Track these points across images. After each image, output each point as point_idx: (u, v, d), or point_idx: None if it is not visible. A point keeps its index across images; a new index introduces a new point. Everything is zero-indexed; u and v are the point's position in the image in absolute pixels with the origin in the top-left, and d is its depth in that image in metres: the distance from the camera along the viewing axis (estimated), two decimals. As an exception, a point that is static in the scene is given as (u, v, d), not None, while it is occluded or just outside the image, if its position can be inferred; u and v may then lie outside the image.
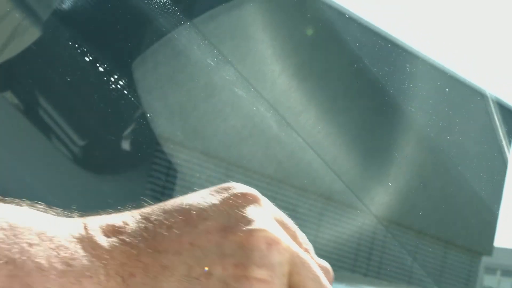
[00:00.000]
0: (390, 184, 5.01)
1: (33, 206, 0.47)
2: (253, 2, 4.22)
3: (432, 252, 7.73)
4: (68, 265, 0.44)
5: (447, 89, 4.93)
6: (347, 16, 5.03)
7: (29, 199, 0.49)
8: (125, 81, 2.65)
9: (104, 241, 0.46)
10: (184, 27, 3.75)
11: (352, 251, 6.87)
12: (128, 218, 0.47)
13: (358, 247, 6.93)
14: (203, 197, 0.48)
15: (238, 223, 0.46)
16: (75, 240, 0.45)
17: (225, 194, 0.48)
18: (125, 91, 2.68)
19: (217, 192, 0.49)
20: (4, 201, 0.47)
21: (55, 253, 0.44)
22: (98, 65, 2.55)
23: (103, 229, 0.46)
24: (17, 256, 0.43)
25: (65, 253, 0.44)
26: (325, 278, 0.49)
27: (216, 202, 0.48)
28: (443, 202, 7.05)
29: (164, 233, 0.46)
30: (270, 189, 6.45)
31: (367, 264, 7.18)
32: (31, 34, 2.00)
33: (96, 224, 0.47)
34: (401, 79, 4.40)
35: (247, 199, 0.48)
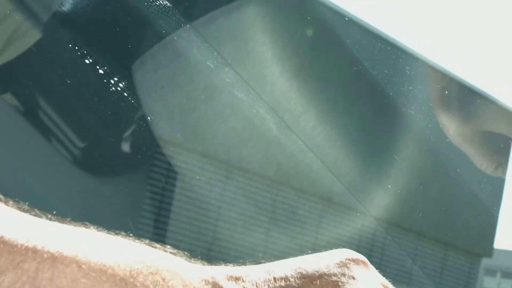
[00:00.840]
0: (389, 186, 5.01)
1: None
2: (253, 4, 4.22)
3: (432, 254, 7.72)
4: None
5: (446, 91, 4.93)
6: (347, 18, 5.03)
7: (29, 201, 0.50)
8: (125, 83, 2.66)
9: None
10: (184, 29, 3.75)
11: (352, 253, 6.87)
12: (253, 272, 0.51)
13: (357, 249, 6.92)
14: (319, 258, 0.54)
15: (348, 280, 0.51)
16: (204, 282, 0.48)
17: (339, 257, 0.54)
18: (125, 93, 2.69)
19: (331, 254, 0.54)
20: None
21: None
22: (98, 67, 2.55)
23: (230, 279, 0.50)
24: None
25: None
26: None
27: (331, 264, 0.52)
28: (443, 204, 7.05)
29: None
30: (270, 191, 6.45)
31: (367, 266, 7.18)
32: (31, 36, 2.00)
33: (222, 275, 0.50)
34: (400, 81, 4.40)
35: (358, 262, 0.53)
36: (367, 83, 4.94)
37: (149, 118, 3.55)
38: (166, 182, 5.42)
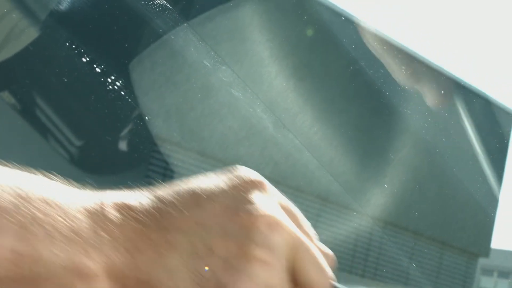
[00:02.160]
0: (386, 186, 5.02)
1: (47, 176, 0.49)
2: (250, 3, 4.23)
3: (428, 254, 7.73)
4: (77, 234, 0.45)
5: (442, 91, 4.94)
6: (343, 18, 5.04)
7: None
8: (122, 82, 2.66)
9: (115, 217, 0.47)
10: (181, 29, 3.75)
11: (349, 252, 6.88)
12: (142, 198, 0.49)
13: (355, 248, 6.94)
14: (213, 181, 0.50)
15: (243, 206, 0.48)
16: (87, 212, 0.47)
17: (234, 179, 0.50)
18: (122, 92, 2.69)
19: (226, 176, 0.51)
20: (19, 169, 0.49)
21: (66, 223, 0.45)
22: (95, 66, 2.55)
23: (116, 205, 0.48)
24: (28, 221, 0.44)
25: (75, 223, 0.46)
26: (326, 264, 0.50)
27: (224, 186, 0.50)
28: (439, 204, 7.06)
29: (174, 213, 0.48)
30: (267, 190, 6.45)
31: (364, 265, 7.19)
32: (29, 35, 2.00)
33: (109, 200, 0.48)
34: (397, 81, 4.41)
35: (254, 185, 0.50)
36: (363, 83, 4.94)
37: (146, 116, 3.55)
38: (163, 181, 5.40)
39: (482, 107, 6.52)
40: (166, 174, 5.32)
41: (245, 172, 0.51)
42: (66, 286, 0.45)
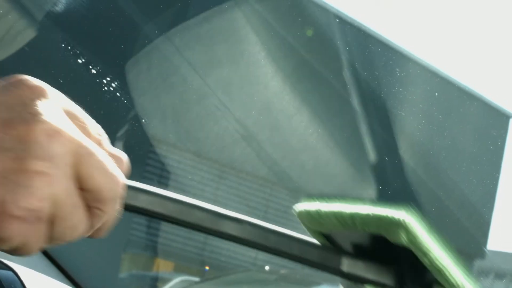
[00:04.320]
0: (380, 187, 5.03)
1: None
2: (247, 5, 4.23)
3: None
4: None
5: (436, 93, 4.96)
6: (338, 20, 5.05)
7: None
8: (117, 83, 2.66)
9: None
10: (177, 29, 3.76)
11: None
12: None
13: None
14: None
15: (20, 117, 0.45)
16: None
17: (11, 88, 0.47)
18: (118, 93, 2.69)
19: (5, 86, 0.48)
20: None
21: None
22: (90, 67, 2.56)
23: None
24: None
25: None
26: (114, 167, 0.49)
27: (1, 96, 0.47)
28: (435, 205, 7.07)
29: None
30: (263, 191, 6.46)
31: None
32: (24, 36, 2.00)
33: None
34: (391, 82, 4.41)
35: (32, 92, 0.47)
36: (359, 85, 4.95)
37: (142, 118, 3.55)
38: (159, 182, 5.42)
39: (477, 109, 6.53)
40: (162, 175, 5.32)
41: (23, 79, 0.48)
42: None
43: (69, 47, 2.57)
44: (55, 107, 0.47)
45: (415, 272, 0.62)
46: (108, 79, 2.54)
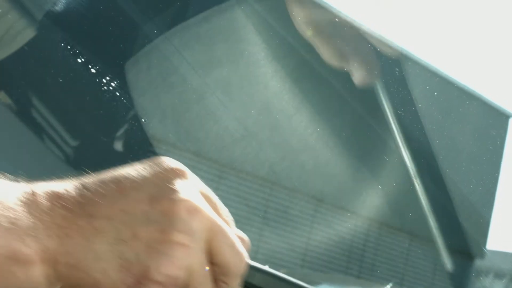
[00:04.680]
0: (379, 187, 5.03)
1: None
2: (246, 4, 4.23)
3: (423, 254, 7.75)
4: (13, 224, 0.48)
5: (435, 93, 4.94)
6: (337, 19, 5.04)
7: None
8: (117, 82, 2.66)
9: (46, 205, 0.50)
10: (177, 29, 3.75)
11: (344, 253, 6.88)
12: (69, 186, 0.52)
13: (350, 249, 6.94)
14: (136, 170, 0.53)
15: (165, 194, 0.51)
16: (21, 203, 0.49)
17: (156, 168, 0.53)
18: (118, 93, 2.69)
19: (150, 166, 0.53)
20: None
21: (2, 213, 0.48)
22: (90, 66, 2.56)
23: (47, 194, 0.51)
24: None
25: (11, 214, 0.48)
26: (241, 245, 0.54)
27: (147, 175, 0.52)
28: (434, 205, 7.06)
29: (99, 200, 0.51)
30: (263, 191, 6.45)
31: (360, 266, 7.20)
32: (24, 36, 2.01)
33: (41, 190, 0.51)
34: (391, 82, 4.41)
35: (175, 173, 0.53)
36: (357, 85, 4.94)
37: (141, 117, 3.56)
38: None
39: (477, 108, 6.53)
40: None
41: (167, 162, 0.54)
42: (5, 272, 0.47)
43: (69, 47, 2.57)
44: (193, 188, 0.53)
45: None
46: (108, 78, 2.54)
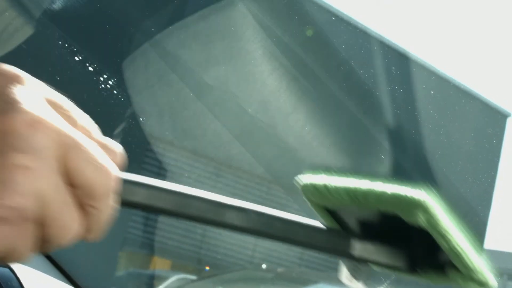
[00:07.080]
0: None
1: None
2: (244, 2, 4.23)
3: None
4: None
5: (432, 91, 4.97)
6: (334, 18, 5.05)
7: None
8: (114, 80, 2.66)
9: None
10: (174, 27, 3.76)
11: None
12: None
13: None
14: None
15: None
16: None
17: None
18: (115, 91, 2.69)
19: None
20: None
21: None
22: (87, 64, 2.56)
23: None
24: None
25: None
26: (106, 158, 0.44)
27: None
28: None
29: None
30: (260, 189, 6.46)
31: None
32: (21, 34, 2.01)
33: None
34: (388, 80, 4.42)
35: (10, 80, 0.43)
36: (355, 83, 4.96)
37: (138, 115, 3.56)
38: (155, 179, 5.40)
39: (474, 107, 6.54)
40: (159, 172, 5.32)
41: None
42: None
43: (66, 45, 2.57)
44: (35, 96, 0.43)
45: (428, 253, 0.60)
46: (105, 76, 2.54)
